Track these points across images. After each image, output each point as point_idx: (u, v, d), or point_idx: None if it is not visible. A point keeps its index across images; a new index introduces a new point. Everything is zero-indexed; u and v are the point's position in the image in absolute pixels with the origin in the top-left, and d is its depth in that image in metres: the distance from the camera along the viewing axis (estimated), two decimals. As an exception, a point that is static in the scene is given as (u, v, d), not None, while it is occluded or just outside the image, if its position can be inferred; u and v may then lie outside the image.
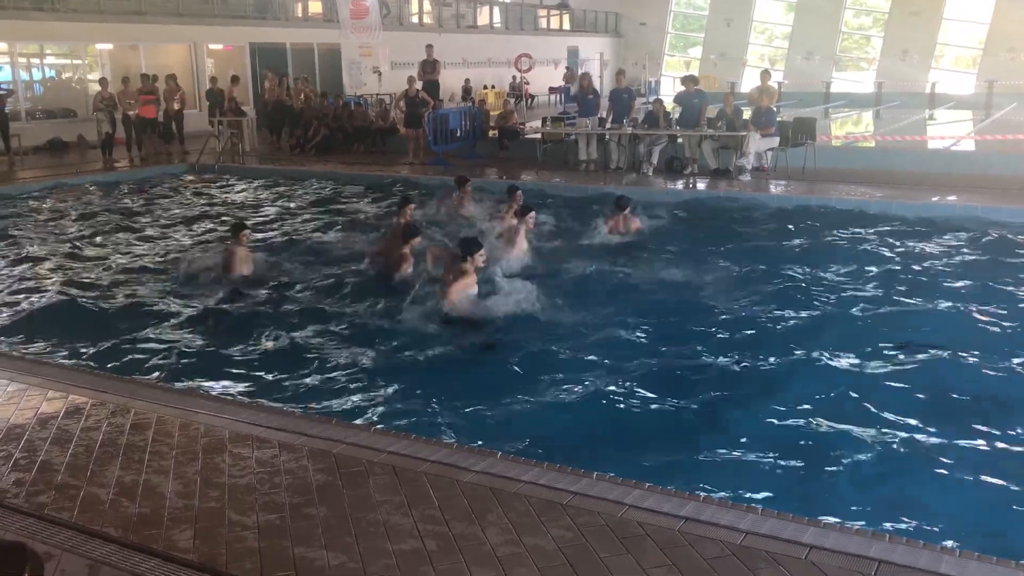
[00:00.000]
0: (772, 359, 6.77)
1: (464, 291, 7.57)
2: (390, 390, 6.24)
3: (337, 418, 5.38)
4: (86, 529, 3.96)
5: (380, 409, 5.91)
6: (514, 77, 34.06)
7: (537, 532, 3.85)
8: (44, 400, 5.44)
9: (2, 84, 19.21)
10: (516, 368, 6.53)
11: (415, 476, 4.38)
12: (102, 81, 19.42)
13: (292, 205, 14.22)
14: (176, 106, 20.37)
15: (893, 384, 6.25)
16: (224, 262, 9.03)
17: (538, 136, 18.02)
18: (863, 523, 4.19)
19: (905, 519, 4.46)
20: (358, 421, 5.59)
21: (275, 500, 4.16)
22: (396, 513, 4.02)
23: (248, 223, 10.14)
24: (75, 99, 22.08)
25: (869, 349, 6.95)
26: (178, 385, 6.19)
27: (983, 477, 4.99)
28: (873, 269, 9.38)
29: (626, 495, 4.17)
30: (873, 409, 5.82)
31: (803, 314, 7.88)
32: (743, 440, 5.37)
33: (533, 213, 9.88)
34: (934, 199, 12.70)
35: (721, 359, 6.73)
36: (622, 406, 5.90)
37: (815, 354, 6.83)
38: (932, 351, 6.84)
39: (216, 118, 19.82)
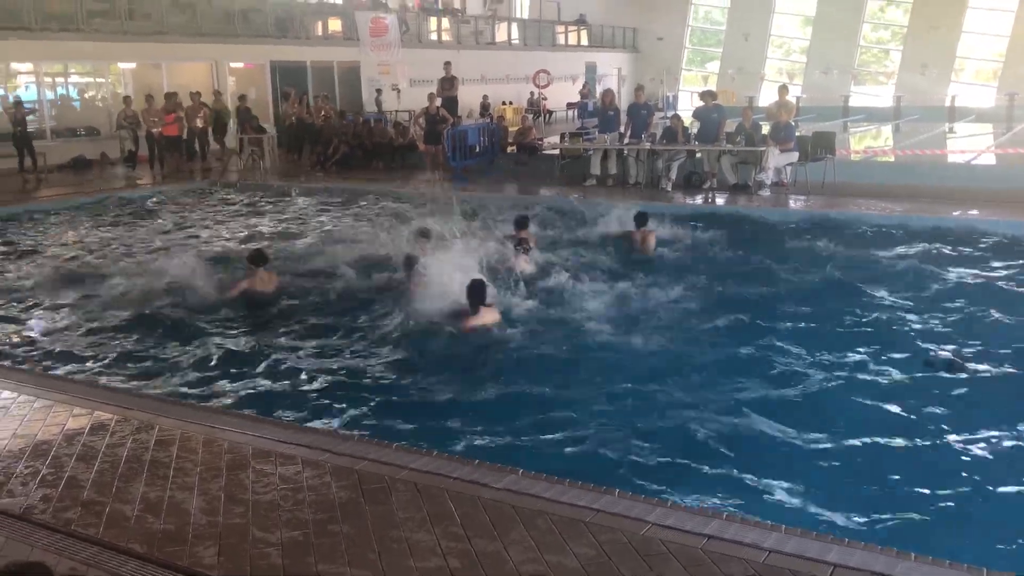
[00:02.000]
0: (794, 375, 6.74)
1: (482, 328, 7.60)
2: (411, 407, 6.25)
3: (360, 434, 5.40)
4: (112, 545, 3.99)
5: (402, 425, 5.92)
6: (532, 93, 34.18)
7: (560, 550, 3.85)
8: (70, 416, 5.50)
9: (25, 104, 19.47)
10: (537, 385, 6.52)
11: (437, 493, 4.39)
12: (125, 99, 19.66)
13: (313, 221, 14.30)
14: (199, 124, 20.60)
15: (920, 400, 6.20)
16: (246, 287, 9.01)
17: (556, 152, 18.06)
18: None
19: (933, 538, 4.42)
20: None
21: (299, 517, 4.18)
22: (419, 530, 4.03)
23: (267, 251, 9.92)
24: (98, 117, 22.37)
25: (891, 364, 6.93)
26: (202, 402, 6.24)
27: (1014, 495, 4.94)
28: (895, 284, 9.32)
29: (649, 512, 4.16)
30: (898, 425, 5.79)
31: (824, 330, 7.85)
32: (766, 457, 5.36)
33: (523, 252, 9.83)
34: (955, 213, 12.63)
35: (743, 375, 6.70)
36: (643, 423, 5.89)
37: (837, 369, 6.81)
38: (958, 366, 6.80)
39: (241, 135, 20.09)
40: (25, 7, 20.21)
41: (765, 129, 15.83)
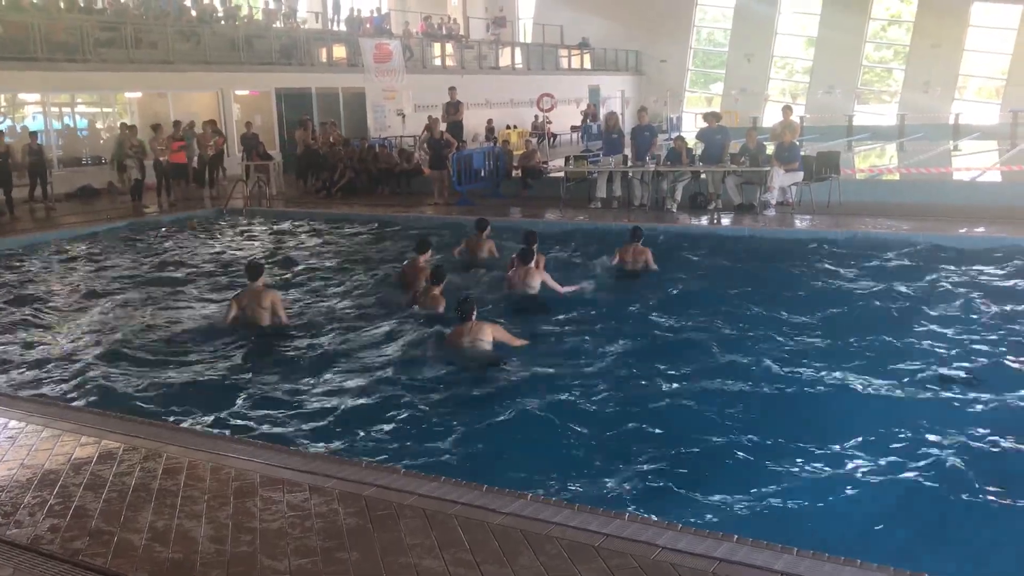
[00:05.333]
0: (801, 395, 6.72)
1: (473, 345, 7.64)
2: (418, 432, 6.23)
3: (366, 460, 5.38)
4: (120, 575, 3.97)
5: (409, 450, 5.90)
6: (536, 116, 34.32)
7: (569, 575, 3.82)
8: (77, 446, 5.49)
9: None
10: (543, 409, 6.49)
11: (445, 518, 4.36)
12: (131, 128, 19.79)
13: (317, 247, 14.35)
14: (211, 152, 20.73)
15: (928, 420, 6.16)
16: (243, 308, 8.98)
17: (561, 174, 18.10)
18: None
19: (951, 560, 4.38)
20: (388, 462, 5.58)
21: (307, 544, 4.16)
22: (427, 556, 4.01)
23: (264, 265, 9.86)
24: (105, 147, 22.52)
25: (902, 383, 6.89)
26: (209, 429, 6.24)
27: None
28: (901, 302, 9.30)
29: (659, 536, 4.14)
30: (916, 444, 5.76)
31: (831, 349, 7.82)
32: (776, 477, 5.32)
33: (531, 265, 9.78)
34: (961, 230, 12.61)
35: (749, 395, 6.68)
36: (651, 445, 5.86)
37: (846, 389, 6.78)
38: (968, 385, 6.76)
39: (247, 162, 20.19)
40: (32, 38, 20.41)
41: (770, 149, 15.84)
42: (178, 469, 5.09)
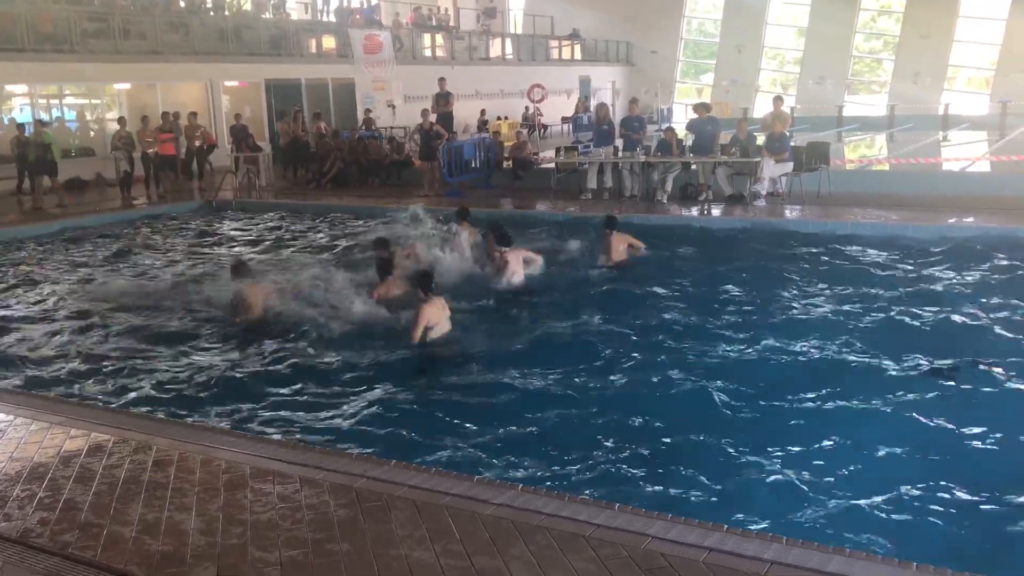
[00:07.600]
0: (789, 385, 6.73)
1: (429, 321, 7.67)
2: (409, 423, 6.23)
3: (357, 452, 5.38)
4: (110, 568, 3.96)
5: (400, 442, 5.90)
6: (527, 107, 34.25)
7: (560, 565, 3.83)
8: (67, 438, 5.48)
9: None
10: (532, 400, 6.52)
11: (436, 510, 4.37)
12: (120, 120, 19.69)
13: (305, 239, 14.31)
14: (197, 143, 20.63)
15: (915, 408, 6.20)
16: (234, 302, 9.01)
17: (552, 166, 18.10)
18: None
19: (937, 551, 4.41)
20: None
21: (297, 536, 4.16)
22: (418, 548, 4.01)
23: (249, 260, 9.91)
24: (93, 138, 22.38)
25: (889, 372, 6.92)
26: (199, 421, 6.23)
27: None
28: (892, 293, 9.33)
29: (649, 526, 4.15)
30: (898, 433, 5.78)
31: (822, 339, 7.84)
32: (764, 469, 5.34)
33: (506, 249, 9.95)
34: (951, 221, 12.65)
35: (735, 386, 6.69)
36: (640, 436, 5.88)
37: (835, 379, 6.79)
38: (959, 373, 6.80)
39: (237, 154, 20.11)
40: (19, 28, 20.27)
41: (760, 140, 15.86)
42: (168, 461, 5.08)
